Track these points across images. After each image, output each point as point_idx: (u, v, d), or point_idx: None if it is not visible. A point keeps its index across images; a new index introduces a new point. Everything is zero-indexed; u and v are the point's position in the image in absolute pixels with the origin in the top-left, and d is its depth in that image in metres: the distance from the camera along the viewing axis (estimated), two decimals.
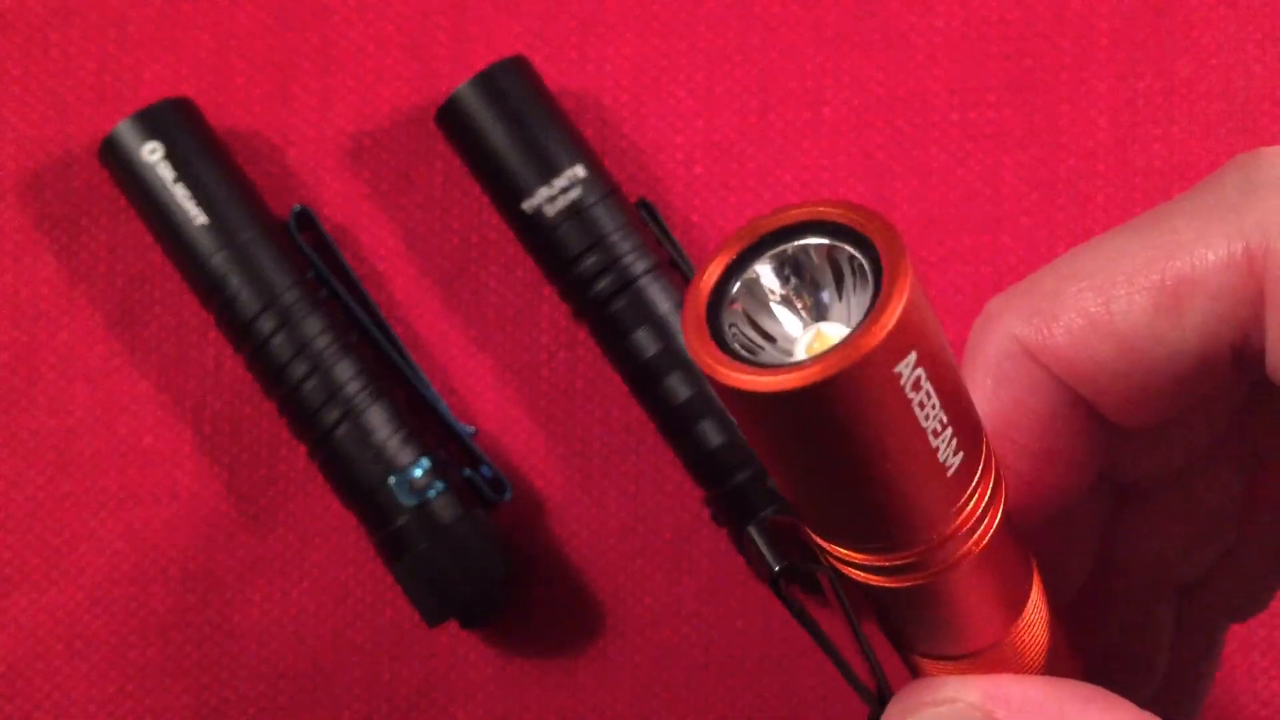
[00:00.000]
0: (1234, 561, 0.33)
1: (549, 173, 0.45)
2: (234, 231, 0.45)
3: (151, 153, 0.45)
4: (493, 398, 0.48)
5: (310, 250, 0.46)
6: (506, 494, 0.47)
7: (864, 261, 0.23)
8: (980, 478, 0.25)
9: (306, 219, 0.47)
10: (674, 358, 0.45)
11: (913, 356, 0.22)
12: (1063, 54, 0.49)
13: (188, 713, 0.48)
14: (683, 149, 0.49)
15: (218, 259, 0.45)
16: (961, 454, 0.24)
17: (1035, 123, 0.48)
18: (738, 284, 0.23)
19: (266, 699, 0.48)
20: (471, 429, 0.48)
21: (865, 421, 0.23)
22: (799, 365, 0.22)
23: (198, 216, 0.45)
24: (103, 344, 0.48)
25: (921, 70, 0.49)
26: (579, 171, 0.45)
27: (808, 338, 0.24)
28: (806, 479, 0.25)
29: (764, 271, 0.24)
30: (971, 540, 0.26)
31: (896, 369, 0.22)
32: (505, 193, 0.45)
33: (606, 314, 0.45)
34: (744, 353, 0.23)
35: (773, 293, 0.24)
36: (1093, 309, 0.26)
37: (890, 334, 0.22)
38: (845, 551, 0.26)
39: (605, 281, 0.45)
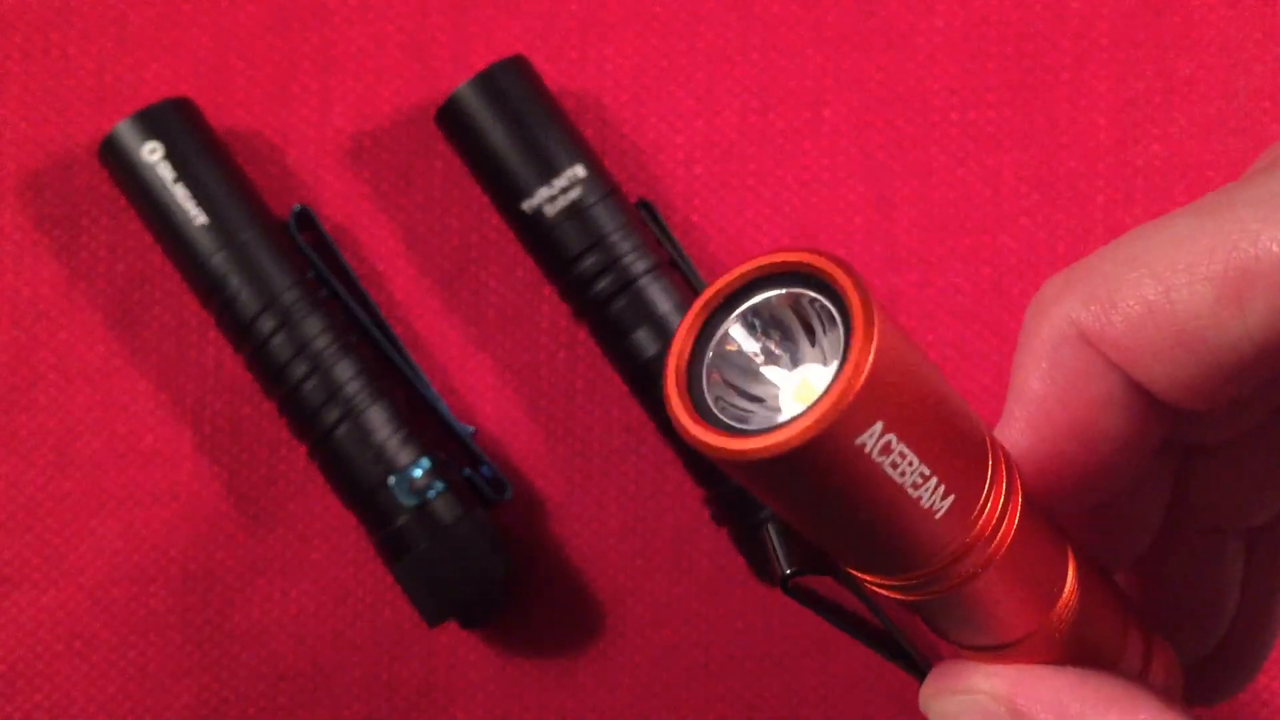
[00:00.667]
0: None
1: (549, 173, 0.45)
2: (234, 231, 0.45)
3: (151, 153, 0.45)
4: (493, 398, 0.48)
5: (310, 250, 0.46)
6: (506, 494, 0.47)
7: (828, 305, 0.23)
8: (987, 497, 0.25)
9: (306, 219, 0.47)
10: None
11: (878, 426, 0.23)
12: (1063, 54, 0.49)
13: (188, 712, 0.48)
14: (683, 149, 0.49)
15: (218, 259, 0.45)
16: (952, 496, 0.25)
17: (1035, 123, 0.48)
18: (711, 351, 0.24)
19: (266, 699, 0.48)
20: (471, 429, 0.48)
21: (838, 482, 0.23)
22: (764, 433, 0.22)
23: (198, 216, 0.45)
24: (103, 344, 0.48)
25: (921, 70, 0.49)
26: (579, 171, 0.45)
27: (794, 384, 0.24)
28: (803, 525, 0.26)
29: (736, 332, 0.24)
30: (984, 554, 0.26)
31: (858, 441, 0.23)
32: (505, 193, 0.45)
33: (606, 314, 0.45)
34: (733, 424, 0.23)
35: (753, 355, 0.24)
36: (1152, 297, 0.26)
37: (841, 417, 0.22)
38: (859, 575, 0.27)
39: (605, 281, 0.45)
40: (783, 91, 0.49)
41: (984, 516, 0.26)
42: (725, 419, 0.23)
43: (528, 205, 0.45)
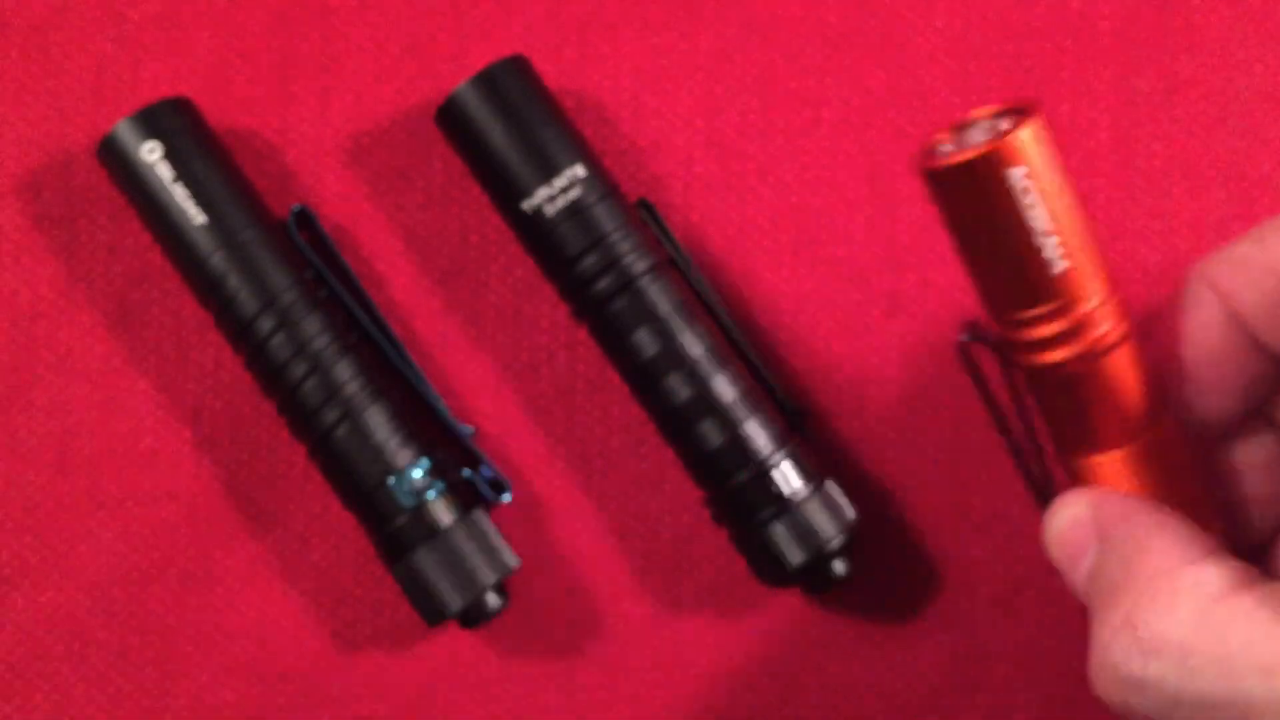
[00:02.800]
0: None
1: (549, 172, 0.45)
2: (233, 231, 0.45)
3: (150, 152, 0.45)
4: (492, 398, 0.48)
5: (309, 250, 0.46)
6: (506, 494, 0.47)
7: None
8: (1095, 295, 0.37)
9: (306, 219, 0.47)
10: (674, 357, 0.45)
11: (1021, 170, 0.36)
12: (1063, 54, 0.49)
13: (186, 713, 0.48)
14: (682, 148, 0.49)
15: (217, 259, 0.44)
16: (1067, 263, 0.37)
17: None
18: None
19: (266, 699, 0.48)
20: (471, 429, 0.48)
21: (991, 204, 0.36)
22: (950, 154, 0.36)
23: (197, 216, 0.45)
24: (102, 344, 0.48)
25: (921, 70, 0.49)
26: (579, 171, 0.45)
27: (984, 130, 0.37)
28: (967, 246, 0.37)
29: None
30: (1088, 341, 0.38)
31: (1006, 171, 0.35)
32: (505, 192, 0.45)
33: (606, 314, 0.45)
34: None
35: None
36: (1245, 253, 0.39)
37: (1004, 149, 0.35)
38: (1010, 327, 0.38)
39: (605, 281, 0.45)
40: (782, 91, 0.49)
41: (1090, 304, 0.37)
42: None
43: (527, 205, 0.45)
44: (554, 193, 0.45)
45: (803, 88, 0.49)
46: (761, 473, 0.45)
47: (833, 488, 0.46)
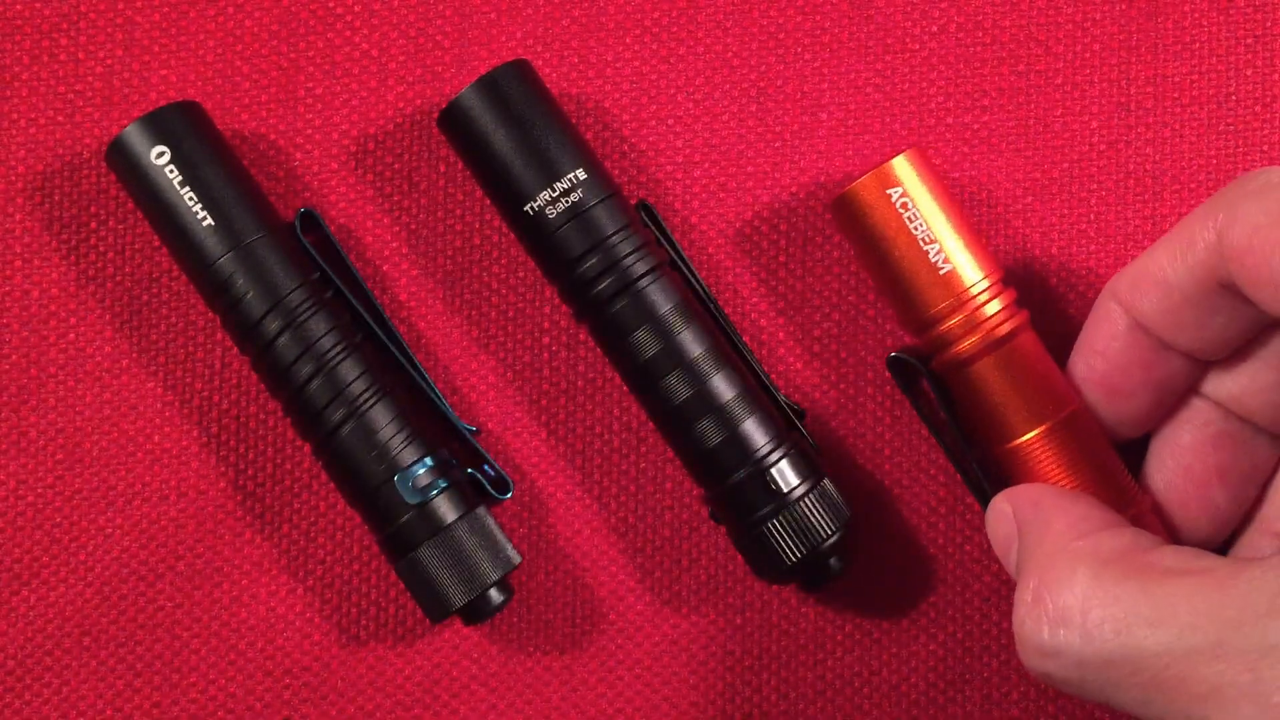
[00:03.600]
0: None
1: (551, 175, 0.45)
2: (240, 233, 0.44)
3: (159, 156, 0.44)
4: (495, 397, 0.48)
5: (315, 252, 0.46)
6: (508, 492, 0.47)
7: None
8: (981, 290, 0.44)
9: (311, 221, 0.47)
10: (674, 358, 0.45)
11: (898, 189, 0.44)
12: (1056, 59, 0.49)
13: (194, 708, 0.48)
14: (682, 152, 0.49)
15: (224, 260, 0.44)
16: (952, 265, 0.44)
17: (1029, 126, 0.49)
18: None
19: (272, 694, 0.48)
20: (474, 428, 0.48)
21: (881, 219, 0.44)
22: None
23: (204, 218, 0.44)
24: (110, 344, 0.48)
25: (917, 74, 0.49)
26: (580, 174, 0.45)
27: None
28: (876, 265, 0.44)
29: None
30: (984, 336, 0.44)
31: (886, 193, 0.44)
32: (507, 195, 0.45)
33: (607, 315, 0.45)
34: None
35: None
36: (1151, 268, 0.42)
37: (880, 174, 0.44)
38: (921, 332, 0.44)
39: (606, 283, 0.45)
40: (781, 95, 0.49)
41: (980, 299, 0.44)
42: None
43: (530, 207, 0.45)
44: (555, 195, 0.45)
45: (800, 92, 0.49)
46: (759, 471, 0.45)
47: (829, 486, 0.46)
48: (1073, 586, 0.37)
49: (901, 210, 0.44)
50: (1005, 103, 0.48)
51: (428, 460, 0.45)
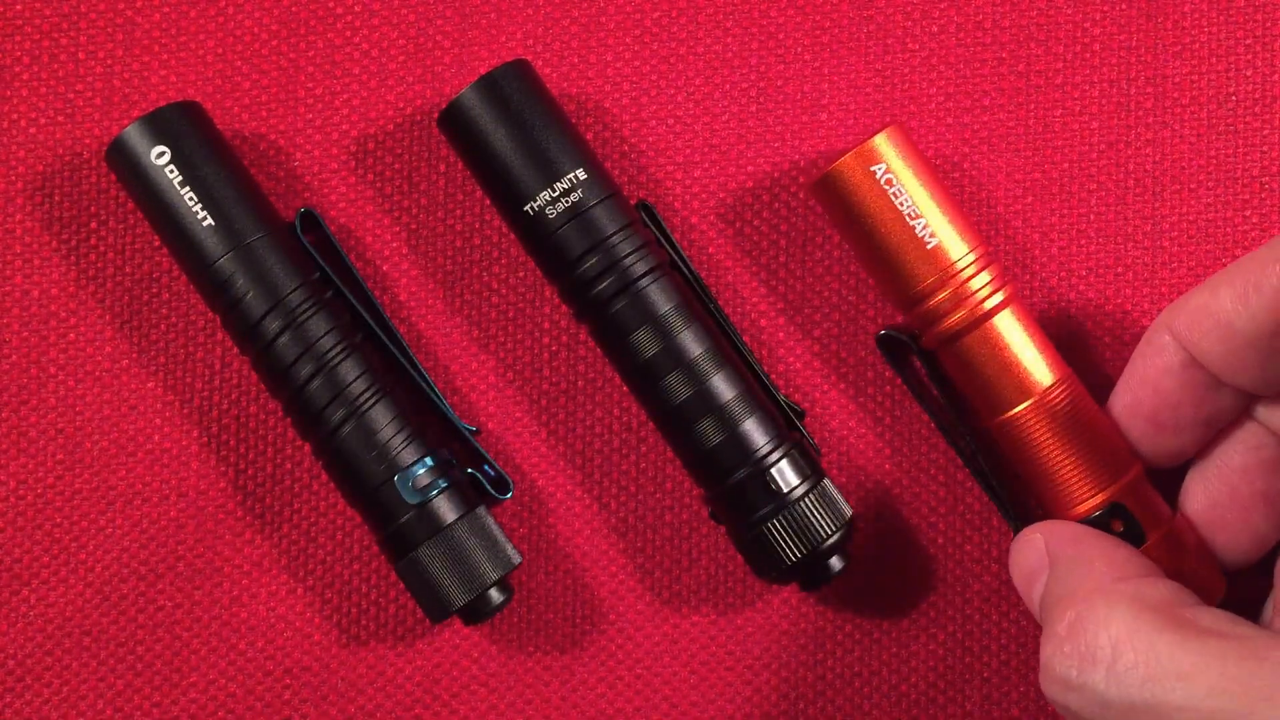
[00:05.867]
0: None
1: (551, 175, 0.45)
2: (240, 233, 0.45)
3: (159, 156, 0.45)
4: (495, 397, 0.48)
5: (315, 252, 0.46)
6: (508, 492, 0.47)
7: None
8: (966, 264, 0.44)
9: (312, 221, 0.47)
10: (674, 358, 0.45)
11: (881, 166, 0.44)
12: (1056, 59, 0.49)
13: (194, 707, 0.48)
14: (682, 152, 0.49)
15: (224, 261, 0.44)
16: (938, 239, 0.44)
17: (1029, 126, 0.49)
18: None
19: (272, 694, 0.48)
20: (474, 428, 0.48)
21: (865, 198, 0.44)
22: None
23: (204, 218, 0.44)
24: (111, 344, 0.48)
25: (917, 75, 0.49)
26: (580, 174, 0.45)
27: None
28: (863, 244, 0.45)
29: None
30: (974, 304, 0.44)
31: (870, 170, 0.44)
32: (508, 195, 0.45)
33: (607, 314, 0.45)
34: None
35: None
36: (1203, 303, 0.42)
37: (862, 152, 0.44)
38: (910, 308, 0.45)
39: (606, 282, 0.45)
40: (780, 95, 0.49)
41: (966, 272, 0.44)
42: None
43: (530, 207, 0.45)
44: (556, 195, 0.45)
45: (800, 92, 0.49)
46: (759, 471, 0.45)
47: (829, 486, 0.46)
48: (1109, 626, 0.38)
49: (886, 186, 0.44)
50: (1005, 103, 0.49)
51: (428, 460, 0.45)
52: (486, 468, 0.47)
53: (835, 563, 0.46)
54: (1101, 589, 0.39)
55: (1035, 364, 0.45)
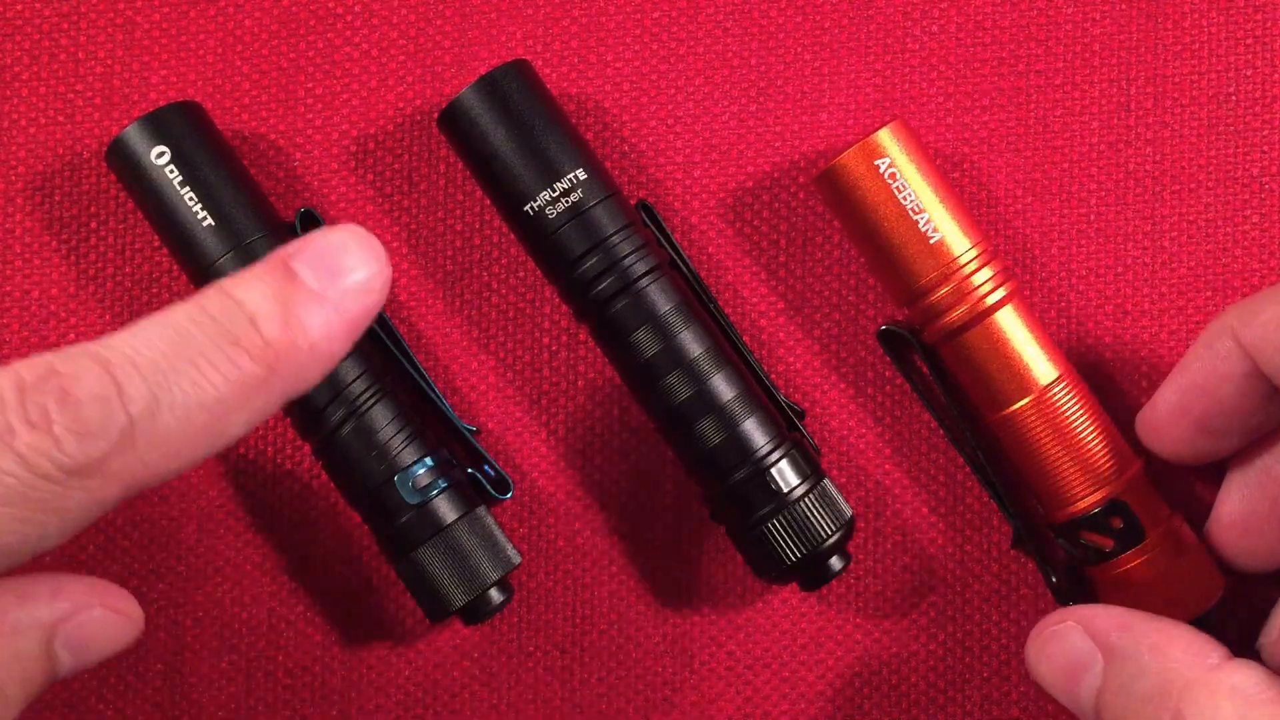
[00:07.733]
0: None
1: (551, 176, 0.45)
2: (240, 233, 0.45)
3: (159, 156, 0.45)
4: (495, 397, 0.49)
5: None
6: (508, 492, 0.47)
7: None
8: (969, 259, 0.44)
9: (311, 221, 0.47)
10: (674, 358, 0.45)
11: (885, 160, 0.44)
12: (1056, 59, 0.49)
13: (194, 708, 0.48)
14: (682, 152, 0.49)
15: (224, 261, 0.44)
16: (940, 234, 0.44)
17: (1029, 126, 0.49)
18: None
19: (272, 694, 0.48)
20: (474, 428, 0.48)
21: (868, 191, 0.44)
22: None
23: (204, 218, 0.45)
24: None
25: (917, 75, 0.49)
26: (580, 174, 0.45)
27: None
28: (866, 238, 0.45)
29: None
30: (976, 299, 0.44)
31: (875, 162, 0.44)
32: (507, 195, 0.45)
33: (607, 314, 0.45)
34: None
35: None
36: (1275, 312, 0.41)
37: (866, 146, 0.44)
38: (912, 303, 0.45)
39: (606, 283, 0.45)
40: (780, 95, 0.49)
41: (969, 268, 0.44)
42: None
43: (530, 207, 0.45)
44: (555, 196, 0.45)
45: (800, 92, 0.49)
46: (759, 470, 0.45)
47: (829, 486, 0.46)
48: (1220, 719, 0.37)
49: (889, 181, 0.44)
50: (1005, 103, 0.49)
51: (428, 460, 0.45)
52: (486, 468, 0.47)
53: (835, 563, 0.46)
54: (1196, 679, 0.38)
55: (1036, 360, 0.45)
